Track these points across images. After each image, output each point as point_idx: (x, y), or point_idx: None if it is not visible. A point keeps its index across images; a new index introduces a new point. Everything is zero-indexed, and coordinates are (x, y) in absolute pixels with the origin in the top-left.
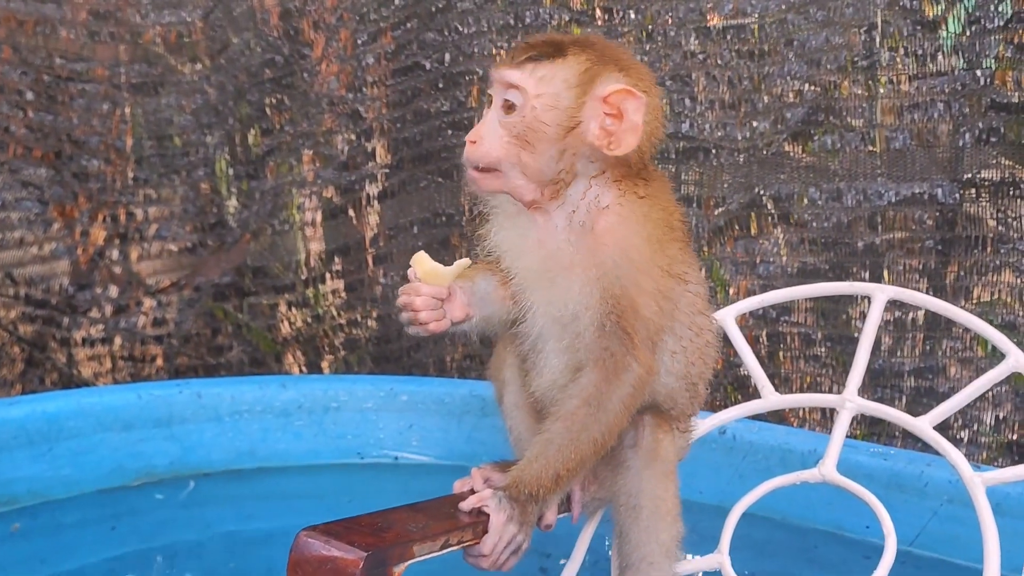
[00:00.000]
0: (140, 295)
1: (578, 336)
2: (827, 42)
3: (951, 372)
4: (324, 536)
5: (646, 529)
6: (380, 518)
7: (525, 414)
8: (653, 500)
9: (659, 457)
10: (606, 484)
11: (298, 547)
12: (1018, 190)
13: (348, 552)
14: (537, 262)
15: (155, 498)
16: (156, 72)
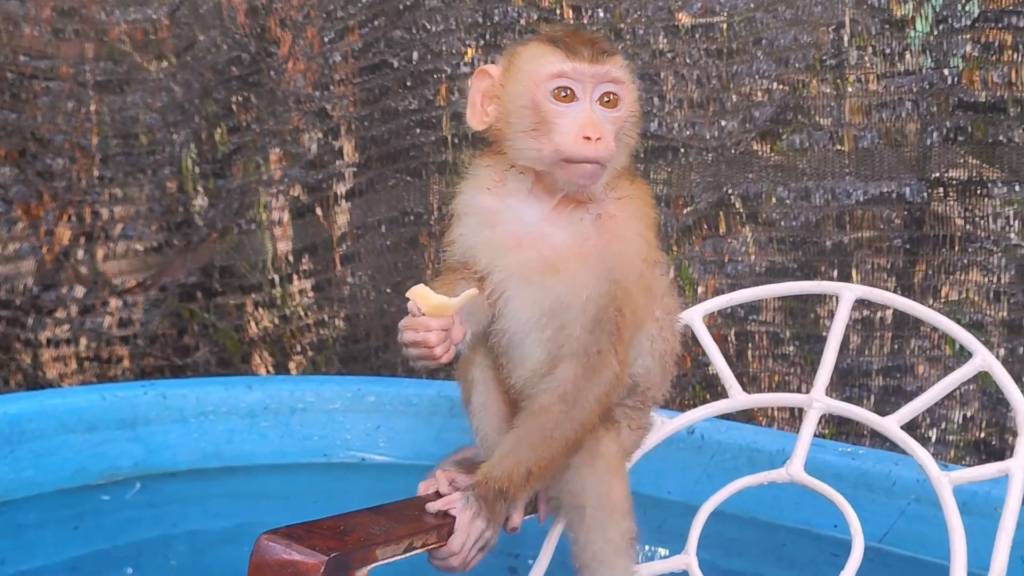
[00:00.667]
0: (106, 295)
1: (564, 328)
2: (795, 41)
3: (919, 371)
4: (285, 540)
5: (591, 528)
6: (342, 521)
7: (492, 414)
8: (596, 498)
9: (599, 454)
10: (555, 485)
11: (259, 551)
12: (985, 189)
13: (309, 556)
14: (529, 263)
15: (118, 498)
16: (122, 70)
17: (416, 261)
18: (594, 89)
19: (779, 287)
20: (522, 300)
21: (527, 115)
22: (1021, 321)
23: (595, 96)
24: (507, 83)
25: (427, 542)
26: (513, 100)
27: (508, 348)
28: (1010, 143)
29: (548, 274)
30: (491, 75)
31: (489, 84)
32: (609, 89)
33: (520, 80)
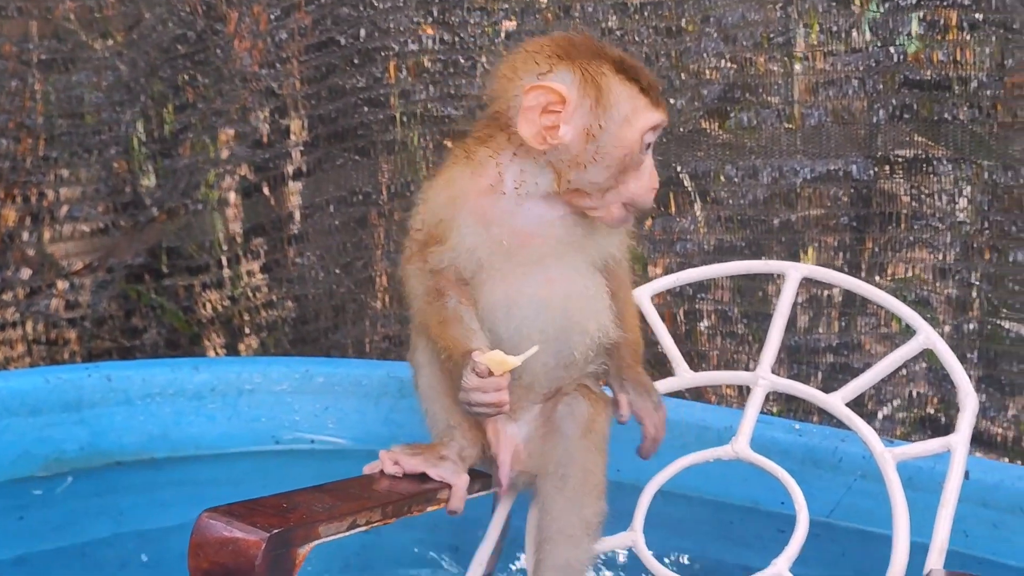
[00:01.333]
0: (52, 277)
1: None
2: (743, 19)
3: (867, 348)
4: (226, 517)
5: (571, 500)
6: (285, 499)
7: (440, 394)
8: (583, 471)
9: (594, 430)
10: (535, 455)
11: (199, 529)
12: (931, 166)
13: (250, 533)
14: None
15: (65, 487)
16: (66, 48)
17: (365, 241)
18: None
19: (726, 267)
20: (524, 277)
21: (622, 160)
22: (966, 298)
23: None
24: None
25: (371, 519)
26: (612, 142)
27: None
28: (955, 121)
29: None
30: (559, 94)
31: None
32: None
33: (622, 124)
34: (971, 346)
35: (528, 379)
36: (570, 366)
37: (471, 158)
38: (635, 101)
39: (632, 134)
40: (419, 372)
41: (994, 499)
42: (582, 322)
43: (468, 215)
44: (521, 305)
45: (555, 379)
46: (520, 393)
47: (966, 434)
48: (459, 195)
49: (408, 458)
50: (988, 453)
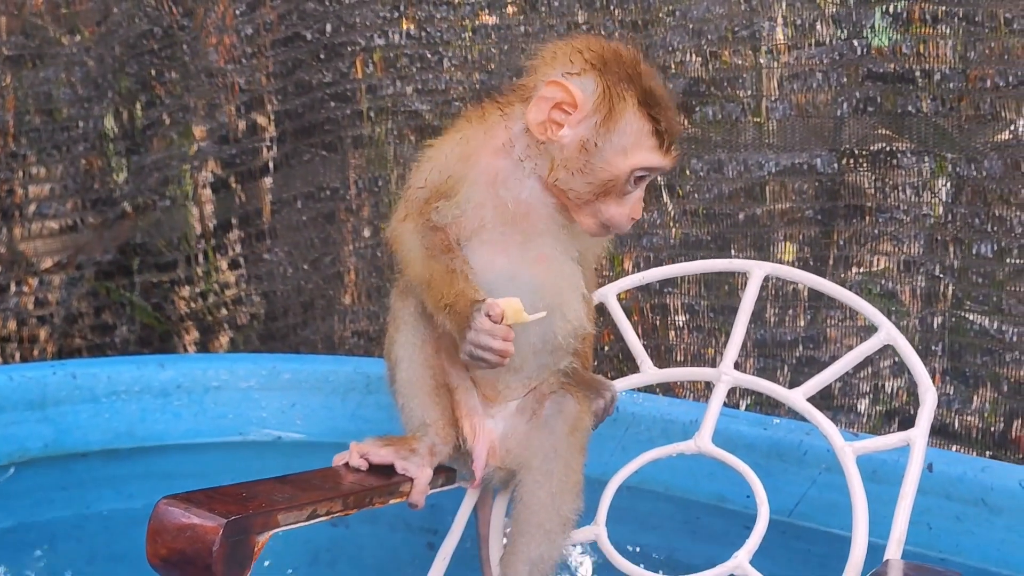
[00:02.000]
0: (23, 274)
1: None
2: (708, 11)
3: (834, 342)
4: (184, 504)
5: (552, 495)
6: (245, 488)
7: (418, 390)
8: (567, 468)
9: (580, 428)
10: (514, 450)
11: (157, 515)
12: (895, 159)
13: (207, 519)
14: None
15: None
16: (35, 44)
17: (334, 237)
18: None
19: (690, 266)
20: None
21: (606, 183)
22: (932, 291)
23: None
24: (601, 139)
25: (331, 510)
26: (602, 163)
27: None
28: (919, 113)
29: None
30: (573, 98)
31: (566, 101)
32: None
33: (617, 152)
34: (937, 339)
35: (518, 361)
36: (555, 351)
37: (485, 119)
38: (641, 138)
39: (623, 165)
40: (397, 366)
41: (957, 491)
42: (564, 307)
43: (480, 172)
44: (518, 276)
45: (540, 365)
46: (505, 379)
47: (925, 428)
48: (472, 152)
49: (378, 449)
50: (952, 445)
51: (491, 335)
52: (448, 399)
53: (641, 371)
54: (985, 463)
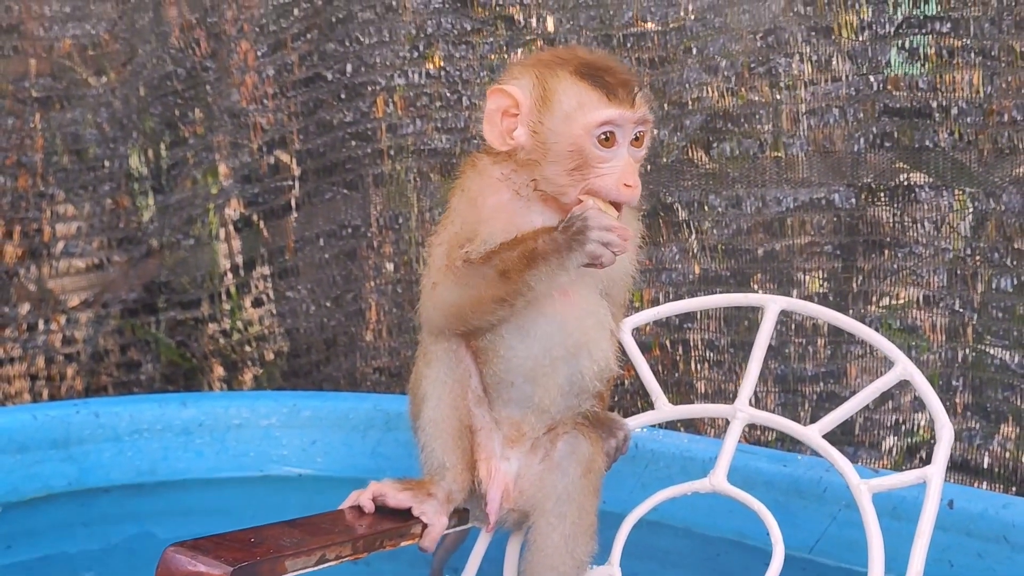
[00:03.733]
0: (51, 313)
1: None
2: (725, 48)
3: (854, 378)
4: (191, 551)
5: (566, 538)
6: (253, 533)
7: (443, 431)
8: (580, 511)
9: (594, 470)
10: (527, 492)
11: (164, 563)
12: (913, 194)
13: (214, 567)
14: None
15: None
16: (62, 86)
17: (356, 274)
18: (629, 132)
19: (705, 300)
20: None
21: (570, 157)
22: (952, 325)
23: (630, 137)
24: (544, 117)
25: (341, 554)
26: (555, 140)
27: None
28: (937, 148)
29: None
30: (513, 97)
31: (509, 105)
32: (640, 129)
33: (563, 120)
34: (958, 373)
35: (547, 402)
36: (580, 394)
37: (476, 164)
38: (581, 99)
39: (574, 129)
40: (424, 403)
41: (978, 528)
42: (591, 346)
43: (490, 210)
44: (542, 312)
45: (567, 406)
46: (532, 420)
47: (942, 465)
48: (476, 194)
49: (396, 492)
50: (974, 481)
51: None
52: (469, 442)
53: (656, 408)
54: (1006, 499)
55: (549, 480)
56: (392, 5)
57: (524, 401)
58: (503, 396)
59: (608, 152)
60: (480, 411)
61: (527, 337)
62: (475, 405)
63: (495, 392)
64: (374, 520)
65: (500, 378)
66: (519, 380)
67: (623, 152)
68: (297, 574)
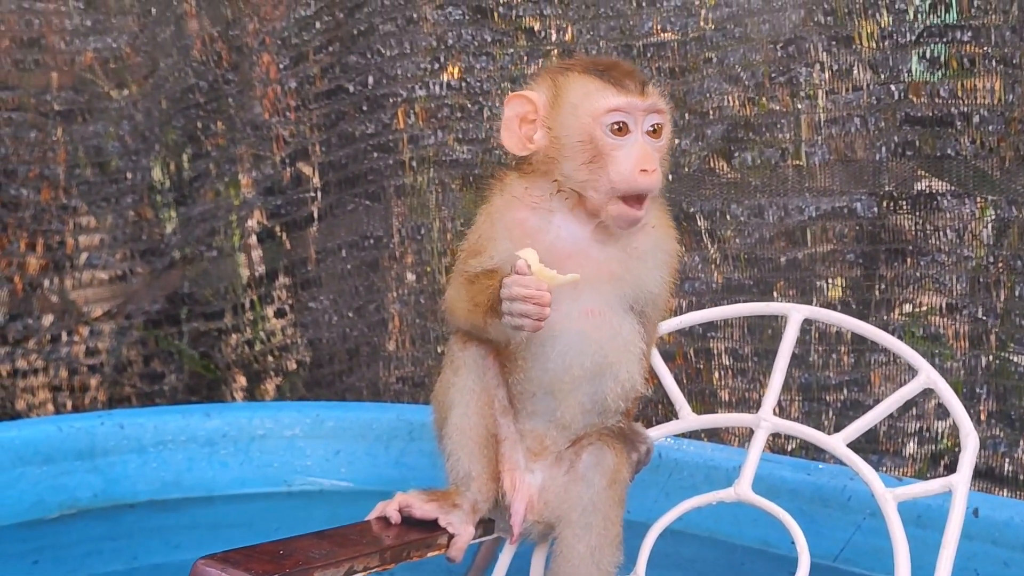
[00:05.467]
0: (74, 324)
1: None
2: (745, 58)
3: (877, 385)
4: (220, 564)
5: (592, 549)
6: (282, 545)
7: (468, 439)
8: (606, 521)
9: (619, 480)
10: (552, 504)
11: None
12: (935, 202)
13: None
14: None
15: (79, 530)
16: (83, 99)
17: (378, 284)
18: (644, 121)
19: (729, 309)
20: (567, 308)
21: (583, 148)
22: (975, 333)
23: (645, 128)
24: (557, 115)
25: (369, 565)
26: (567, 133)
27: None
28: (958, 156)
29: (591, 282)
30: (531, 101)
31: (528, 110)
32: (656, 120)
33: (572, 112)
34: (982, 381)
35: (568, 419)
36: (603, 413)
37: (502, 180)
38: (588, 90)
39: (582, 120)
40: (451, 411)
41: (1004, 537)
42: (615, 366)
43: (503, 229)
44: (565, 330)
45: (589, 423)
46: (553, 435)
47: (967, 474)
48: (495, 212)
49: (422, 504)
50: (999, 489)
51: (522, 285)
52: (494, 451)
53: (680, 417)
54: None
55: (574, 491)
56: (413, 17)
57: (547, 415)
58: (527, 408)
59: (621, 140)
60: (505, 421)
61: (549, 352)
62: (501, 415)
63: (519, 404)
64: (401, 531)
65: (523, 388)
66: (540, 393)
67: (637, 139)
68: None
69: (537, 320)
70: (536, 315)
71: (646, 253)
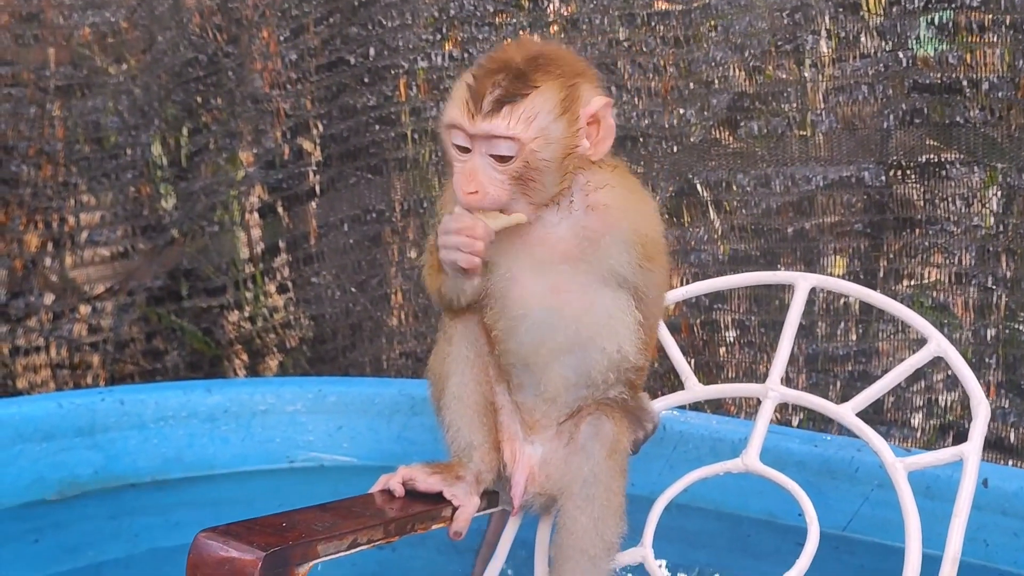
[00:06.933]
0: (75, 302)
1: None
2: (751, 26)
3: (885, 355)
4: (222, 537)
5: (595, 521)
6: (285, 518)
7: (467, 407)
8: (607, 492)
9: (619, 450)
10: (554, 476)
11: (196, 548)
12: (944, 171)
13: (246, 552)
14: (536, 255)
15: (79, 510)
16: (82, 74)
17: (380, 259)
18: (487, 147)
19: (735, 278)
20: (535, 286)
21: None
22: (984, 302)
23: (484, 152)
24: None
25: (373, 537)
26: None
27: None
28: (967, 124)
29: (559, 262)
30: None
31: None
32: (496, 150)
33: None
34: (991, 351)
35: (552, 392)
36: (591, 386)
37: None
38: (453, 95)
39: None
40: (447, 381)
41: (1014, 507)
42: (597, 339)
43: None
44: (532, 309)
45: (577, 397)
46: (543, 408)
47: (978, 443)
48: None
49: (426, 477)
50: (1008, 459)
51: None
52: (493, 420)
53: (686, 388)
54: None
55: (574, 463)
56: None
57: (532, 388)
58: (514, 380)
59: (463, 157)
60: (501, 389)
61: (519, 327)
62: (498, 383)
63: (507, 376)
64: (405, 503)
65: (504, 361)
66: (519, 366)
67: (473, 158)
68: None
69: (470, 254)
70: (468, 248)
71: (599, 234)
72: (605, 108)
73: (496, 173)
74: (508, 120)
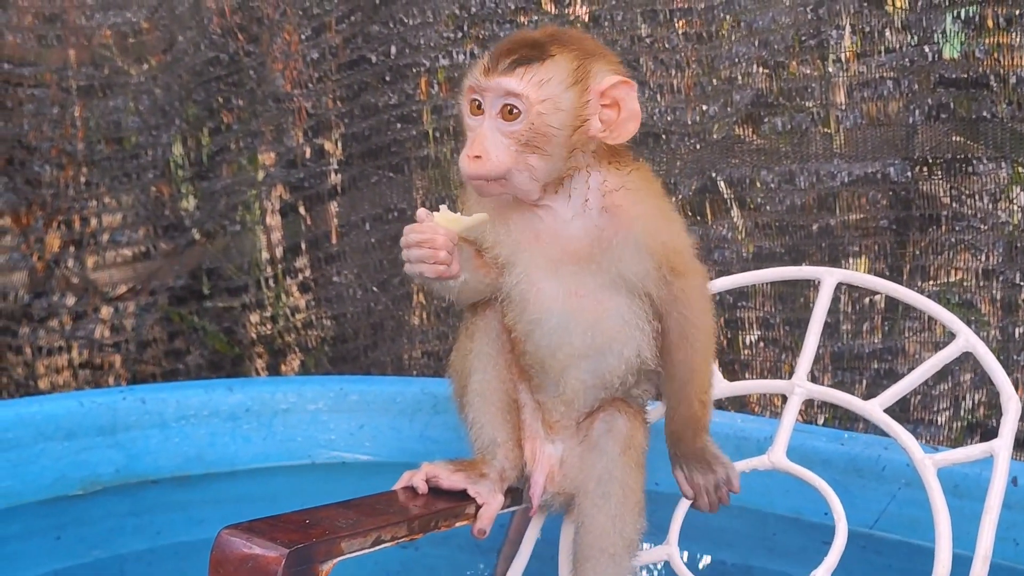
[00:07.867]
0: (97, 302)
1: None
2: (774, 22)
3: (911, 353)
4: (246, 534)
5: (612, 518)
6: (308, 515)
7: (490, 404)
8: (624, 489)
9: (633, 446)
10: (571, 475)
11: (219, 546)
12: (970, 166)
13: (269, 549)
14: (550, 254)
15: (101, 507)
16: (103, 74)
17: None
18: (494, 102)
19: (760, 274)
20: (552, 289)
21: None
22: (1012, 299)
23: (495, 109)
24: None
25: (396, 535)
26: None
27: (535, 340)
28: (994, 119)
29: (572, 263)
30: None
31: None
32: (507, 102)
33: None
34: (1019, 348)
35: (570, 394)
36: (608, 388)
37: None
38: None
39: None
40: (471, 377)
41: None
42: (614, 344)
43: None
44: (550, 313)
45: (594, 399)
46: (561, 410)
47: (1009, 439)
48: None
49: (449, 474)
50: None
51: (416, 231)
52: (517, 418)
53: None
54: None
55: (589, 460)
56: None
57: (551, 389)
58: (534, 381)
59: (475, 121)
60: (524, 387)
61: (537, 331)
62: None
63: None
64: (428, 501)
65: (524, 362)
66: (537, 367)
67: (484, 121)
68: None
69: (435, 264)
70: (431, 259)
71: (610, 236)
72: (624, 89)
73: (502, 137)
74: (520, 80)
